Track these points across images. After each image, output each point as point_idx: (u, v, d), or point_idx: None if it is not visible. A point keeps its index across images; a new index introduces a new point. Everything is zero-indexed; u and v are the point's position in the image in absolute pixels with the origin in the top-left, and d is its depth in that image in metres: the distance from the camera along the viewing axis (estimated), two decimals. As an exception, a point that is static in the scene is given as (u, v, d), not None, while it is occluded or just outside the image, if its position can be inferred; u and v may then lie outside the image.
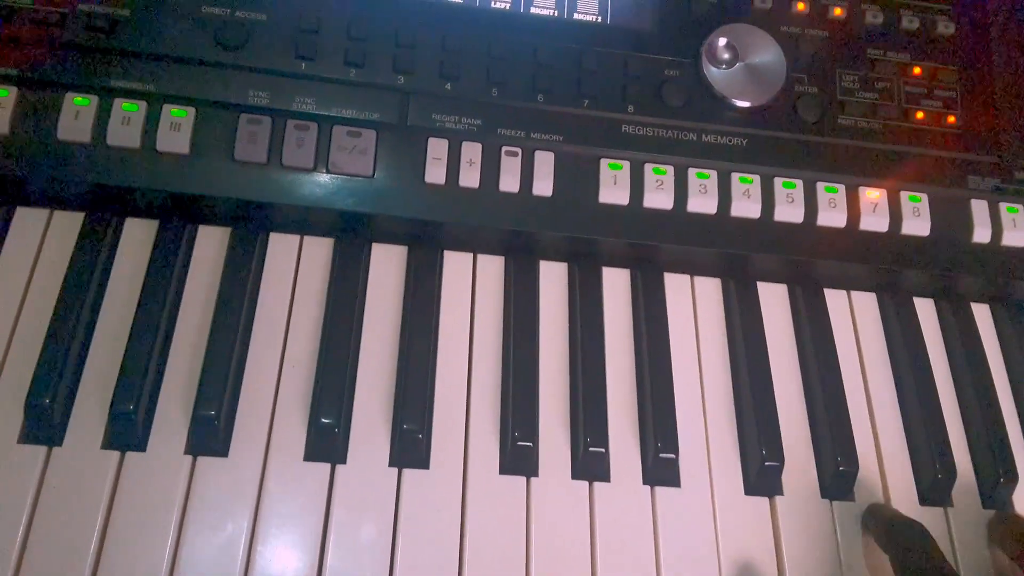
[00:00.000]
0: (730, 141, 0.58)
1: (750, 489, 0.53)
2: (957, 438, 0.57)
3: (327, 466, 0.49)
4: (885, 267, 0.59)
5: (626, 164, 0.57)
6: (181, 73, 0.54)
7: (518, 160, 0.56)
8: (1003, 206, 0.60)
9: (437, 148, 0.55)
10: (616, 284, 0.59)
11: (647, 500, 0.52)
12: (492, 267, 0.58)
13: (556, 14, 0.59)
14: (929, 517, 0.53)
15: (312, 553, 0.47)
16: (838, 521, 0.53)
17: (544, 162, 0.56)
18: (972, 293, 0.62)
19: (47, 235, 0.54)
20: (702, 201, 0.57)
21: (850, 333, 0.60)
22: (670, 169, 0.57)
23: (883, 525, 0.50)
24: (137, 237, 0.55)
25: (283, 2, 0.56)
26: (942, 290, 0.62)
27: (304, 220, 0.56)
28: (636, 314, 0.58)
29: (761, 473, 0.53)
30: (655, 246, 0.57)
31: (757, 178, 0.58)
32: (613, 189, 0.56)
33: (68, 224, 0.54)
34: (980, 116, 0.61)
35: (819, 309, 0.59)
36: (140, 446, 0.48)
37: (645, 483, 0.52)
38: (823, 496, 0.54)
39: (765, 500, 0.53)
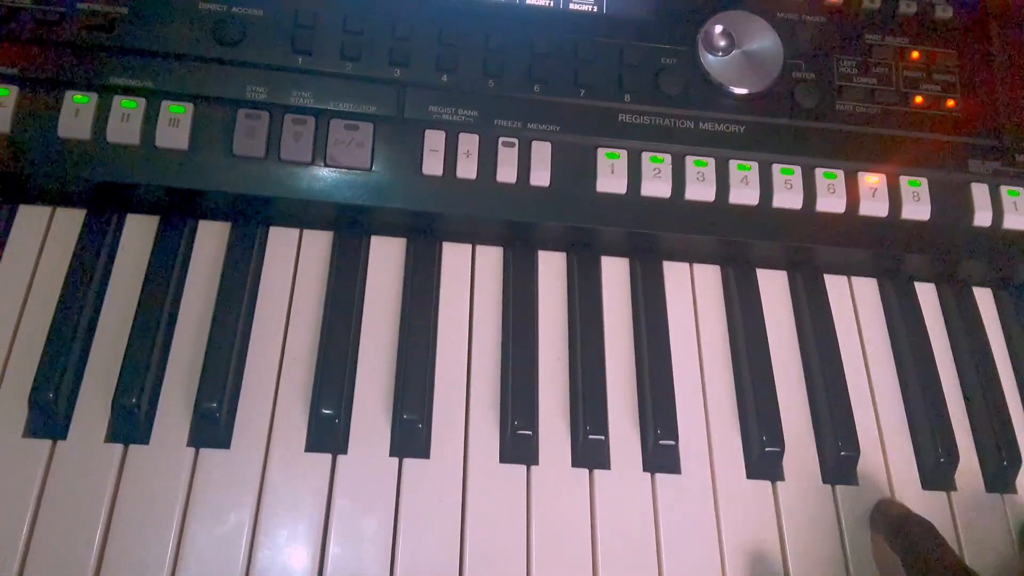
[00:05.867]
0: (727, 128, 0.58)
1: (751, 475, 0.53)
2: (960, 422, 0.57)
3: (328, 457, 0.50)
4: (885, 252, 0.59)
5: (623, 153, 0.57)
6: (179, 69, 0.54)
7: (515, 151, 0.56)
8: (1004, 189, 0.59)
9: (434, 140, 0.55)
10: (615, 273, 0.59)
11: (647, 487, 0.52)
12: (491, 257, 0.58)
13: (552, 4, 0.59)
14: (932, 501, 0.53)
15: (314, 543, 0.48)
16: (840, 506, 0.53)
17: (541, 152, 0.56)
18: (974, 277, 0.62)
19: (49, 232, 0.54)
20: (700, 189, 0.57)
21: (851, 318, 0.60)
22: (667, 157, 0.57)
23: (891, 525, 0.49)
24: (138, 232, 0.55)
25: (279, -3, 0.56)
26: (943, 274, 0.62)
27: (303, 213, 0.56)
28: (635, 302, 0.58)
29: (762, 459, 0.53)
30: (653, 234, 0.57)
31: (755, 165, 0.58)
32: (611, 178, 0.56)
33: (70, 221, 0.54)
34: (980, 99, 0.61)
35: (819, 295, 0.59)
36: (143, 439, 0.49)
37: (645, 470, 0.52)
38: (825, 481, 0.54)
39: (766, 486, 0.53)
